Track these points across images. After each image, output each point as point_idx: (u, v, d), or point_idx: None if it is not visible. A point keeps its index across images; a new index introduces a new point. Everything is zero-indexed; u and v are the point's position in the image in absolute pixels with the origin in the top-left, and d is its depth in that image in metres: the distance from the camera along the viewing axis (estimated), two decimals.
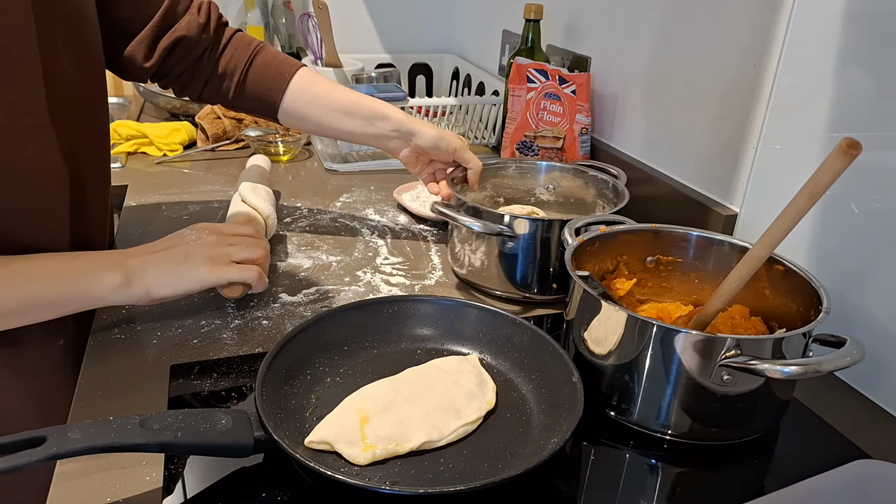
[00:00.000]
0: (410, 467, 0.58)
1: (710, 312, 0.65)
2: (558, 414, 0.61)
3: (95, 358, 0.71)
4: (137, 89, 1.59)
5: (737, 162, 0.89)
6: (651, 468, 0.62)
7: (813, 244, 0.77)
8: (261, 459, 0.58)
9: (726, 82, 0.90)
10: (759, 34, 0.83)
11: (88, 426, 0.51)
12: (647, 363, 0.61)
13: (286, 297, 0.85)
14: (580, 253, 0.72)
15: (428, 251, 1.00)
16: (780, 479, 0.59)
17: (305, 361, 0.67)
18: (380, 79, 1.57)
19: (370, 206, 1.15)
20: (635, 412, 0.63)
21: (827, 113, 0.75)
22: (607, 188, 0.95)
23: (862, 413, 0.70)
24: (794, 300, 0.67)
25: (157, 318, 0.79)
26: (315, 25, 1.59)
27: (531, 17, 1.20)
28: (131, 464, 0.57)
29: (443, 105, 1.33)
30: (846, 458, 0.56)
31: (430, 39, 1.85)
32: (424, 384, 0.65)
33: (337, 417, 0.60)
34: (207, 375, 0.69)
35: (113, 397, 0.66)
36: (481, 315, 0.73)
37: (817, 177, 0.53)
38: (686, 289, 0.78)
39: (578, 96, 1.16)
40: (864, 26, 0.70)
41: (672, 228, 0.77)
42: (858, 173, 0.60)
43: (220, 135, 1.37)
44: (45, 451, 0.48)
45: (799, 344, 0.60)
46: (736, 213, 0.90)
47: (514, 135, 1.18)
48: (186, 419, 0.54)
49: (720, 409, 0.61)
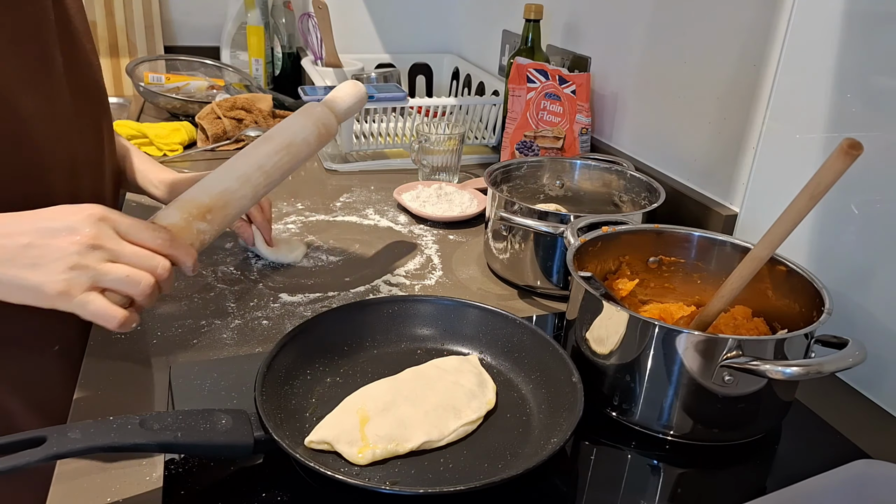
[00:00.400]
0: (410, 467, 0.57)
1: (711, 313, 0.64)
2: (558, 414, 0.61)
3: (95, 358, 0.71)
4: (137, 89, 1.59)
5: (737, 162, 0.89)
6: (653, 469, 0.61)
7: (814, 245, 0.77)
8: (261, 459, 0.58)
9: (726, 82, 0.90)
10: (759, 34, 0.83)
11: (88, 426, 0.51)
12: (649, 364, 0.61)
13: (286, 297, 0.85)
14: (582, 253, 0.72)
15: (428, 251, 1.00)
16: (782, 480, 0.59)
17: (305, 361, 0.67)
18: (380, 79, 1.57)
19: (370, 206, 1.15)
20: (637, 413, 0.63)
21: (827, 113, 0.75)
22: (640, 185, 0.96)
23: (863, 413, 0.70)
24: (797, 301, 0.67)
25: (157, 318, 0.79)
26: (315, 25, 1.59)
27: (531, 17, 1.20)
28: (131, 464, 0.57)
29: (443, 105, 1.33)
30: (847, 458, 0.56)
31: (430, 39, 1.85)
32: (424, 384, 0.65)
33: (337, 417, 0.60)
34: (207, 375, 0.69)
35: (113, 397, 0.66)
36: (481, 315, 0.73)
37: (818, 177, 0.53)
38: (688, 289, 0.78)
39: (578, 96, 1.15)
40: (864, 26, 0.70)
41: (674, 229, 0.77)
42: (859, 174, 0.60)
43: (220, 135, 1.37)
44: (45, 451, 0.48)
45: (801, 345, 0.60)
46: (736, 213, 0.90)
47: (514, 135, 1.18)
48: (186, 419, 0.54)
49: (722, 409, 0.60)
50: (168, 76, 1.70)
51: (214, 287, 0.86)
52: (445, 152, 1.20)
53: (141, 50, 1.92)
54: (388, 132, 1.34)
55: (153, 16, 1.93)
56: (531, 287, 0.89)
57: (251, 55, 1.83)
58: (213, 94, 1.62)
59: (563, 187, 1.03)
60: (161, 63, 1.82)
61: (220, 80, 1.74)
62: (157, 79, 1.69)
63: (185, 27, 2.03)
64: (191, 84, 1.69)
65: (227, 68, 1.79)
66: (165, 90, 1.61)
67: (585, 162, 1.02)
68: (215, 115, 1.40)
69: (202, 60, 1.78)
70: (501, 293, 0.90)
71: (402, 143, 1.35)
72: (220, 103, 1.42)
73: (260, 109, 1.43)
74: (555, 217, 0.83)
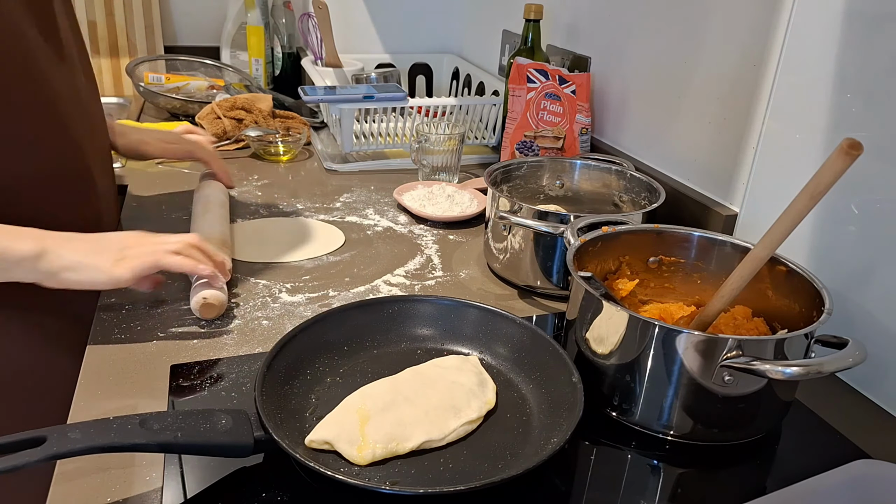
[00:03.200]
0: (410, 467, 0.57)
1: (711, 313, 0.64)
2: (558, 414, 0.61)
3: (95, 358, 0.71)
4: (137, 89, 1.59)
5: (737, 162, 0.89)
6: (653, 469, 0.61)
7: (813, 245, 0.77)
8: (261, 459, 0.58)
9: (726, 82, 0.90)
10: (759, 34, 0.83)
11: (88, 426, 0.51)
12: (649, 364, 0.61)
13: (286, 297, 0.85)
14: (582, 253, 0.72)
15: (428, 251, 1.00)
16: (782, 480, 0.59)
17: (305, 361, 0.67)
18: (380, 79, 1.57)
19: (370, 206, 1.15)
20: (637, 413, 0.63)
21: (827, 113, 0.75)
22: (640, 185, 0.96)
23: (863, 414, 0.70)
24: (797, 301, 0.67)
25: (157, 318, 0.79)
26: (315, 25, 1.59)
27: (531, 17, 1.20)
28: (131, 464, 0.57)
29: (443, 105, 1.33)
30: (847, 458, 0.56)
31: (430, 39, 1.85)
32: (424, 384, 0.64)
33: (337, 417, 0.60)
34: (207, 375, 0.69)
35: (113, 397, 0.66)
36: (481, 315, 0.73)
37: (818, 177, 0.53)
38: (688, 289, 0.78)
39: (578, 96, 1.15)
40: (864, 26, 0.70)
41: (674, 229, 0.77)
42: (859, 174, 0.60)
43: (220, 135, 1.37)
44: (45, 451, 0.48)
45: (801, 345, 0.60)
46: (736, 213, 0.90)
47: (515, 135, 1.18)
48: (186, 419, 0.54)
49: (722, 409, 0.60)
50: (168, 76, 1.70)
51: None
52: (445, 152, 1.20)
53: (141, 50, 1.92)
54: (388, 132, 1.35)
55: (153, 16, 1.93)
56: (531, 287, 0.89)
57: (251, 55, 1.83)
58: (213, 94, 1.63)
59: (563, 187, 1.03)
60: (161, 63, 1.82)
61: (220, 80, 1.74)
62: (157, 79, 1.69)
63: (185, 27, 2.03)
64: (191, 84, 1.69)
65: (227, 68, 1.79)
66: (165, 90, 1.61)
67: (585, 162, 1.02)
68: (215, 115, 1.39)
69: (202, 60, 1.78)
70: (501, 293, 0.90)
71: (402, 143, 1.35)
72: (220, 103, 1.42)
73: (260, 109, 1.43)
74: (555, 217, 0.83)
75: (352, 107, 1.26)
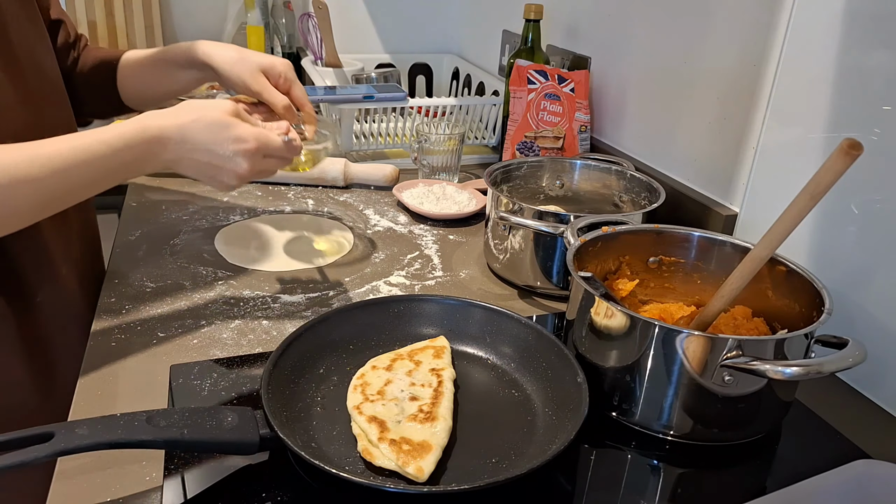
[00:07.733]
0: None
1: (711, 313, 0.65)
2: (563, 414, 0.61)
3: (95, 358, 0.71)
4: None
5: (737, 162, 0.90)
6: (653, 469, 0.62)
7: (813, 245, 0.77)
8: (265, 457, 0.58)
9: (726, 82, 0.90)
10: (759, 34, 0.84)
11: (95, 422, 0.51)
12: (649, 364, 0.61)
13: (286, 297, 0.85)
14: (582, 253, 0.72)
15: (428, 251, 1.00)
16: (782, 480, 0.59)
17: (311, 360, 0.67)
18: (380, 79, 1.57)
19: (370, 206, 1.15)
20: (637, 413, 0.63)
21: (827, 113, 0.75)
22: (640, 185, 0.96)
23: (863, 414, 0.70)
24: (797, 301, 0.67)
25: (157, 318, 0.79)
26: (315, 25, 1.59)
27: (531, 17, 1.20)
28: (132, 463, 0.57)
29: (443, 105, 1.33)
30: (847, 458, 0.56)
31: (430, 39, 1.85)
32: None
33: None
34: (207, 375, 0.69)
35: (113, 398, 0.66)
36: (487, 315, 0.73)
37: (818, 177, 0.53)
38: (688, 289, 0.78)
39: (577, 93, 1.16)
40: (864, 26, 0.70)
41: (674, 229, 0.77)
42: (859, 174, 0.60)
43: None
44: (52, 446, 0.48)
45: (801, 345, 0.60)
46: (736, 213, 0.90)
47: (515, 136, 1.18)
48: (193, 416, 0.54)
49: (722, 409, 0.61)
50: None
51: (214, 287, 0.86)
52: (445, 152, 1.21)
53: None
54: (388, 132, 1.35)
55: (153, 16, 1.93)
56: (531, 287, 0.89)
57: None
58: (213, 95, 1.62)
59: (563, 187, 1.03)
60: None
61: None
62: None
63: (185, 27, 2.03)
64: None
65: None
66: None
67: (585, 162, 1.03)
68: None
69: None
70: (501, 293, 0.90)
71: (402, 143, 1.35)
72: None
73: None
74: (555, 217, 0.83)
75: (352, 107, 1.27)
